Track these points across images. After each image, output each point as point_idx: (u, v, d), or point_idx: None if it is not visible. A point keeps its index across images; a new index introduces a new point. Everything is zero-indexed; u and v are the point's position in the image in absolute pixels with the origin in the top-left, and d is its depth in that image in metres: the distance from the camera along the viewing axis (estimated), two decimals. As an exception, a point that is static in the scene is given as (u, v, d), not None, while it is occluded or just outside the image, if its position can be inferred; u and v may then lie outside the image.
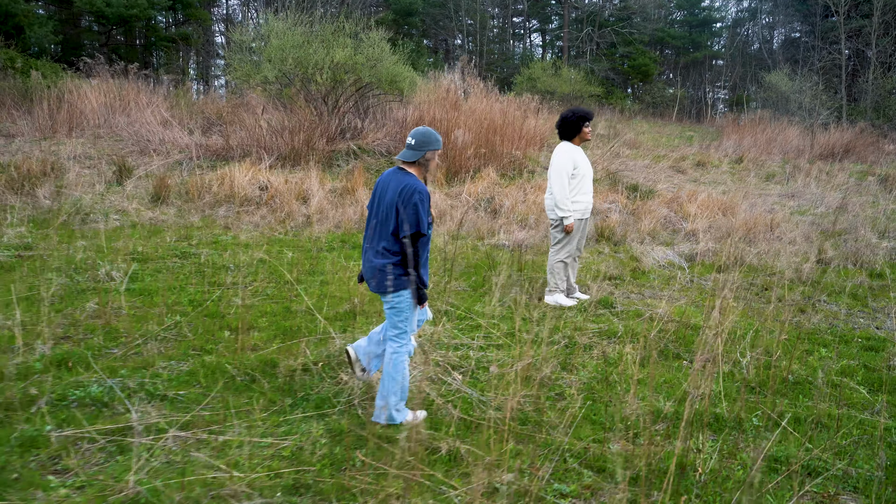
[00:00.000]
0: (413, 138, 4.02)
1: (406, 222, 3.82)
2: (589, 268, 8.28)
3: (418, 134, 4.02)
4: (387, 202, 3.93)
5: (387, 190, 3.97)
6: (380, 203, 4.01)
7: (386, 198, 3.94)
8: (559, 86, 31.11)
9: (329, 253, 8.32)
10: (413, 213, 3.82)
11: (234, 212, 10.02)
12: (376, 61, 15.36)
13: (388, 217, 3.91)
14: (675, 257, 8.82)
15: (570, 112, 6.78)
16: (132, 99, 16.82)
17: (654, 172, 17.40)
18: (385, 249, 3.93)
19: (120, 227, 8.98)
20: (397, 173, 4.02)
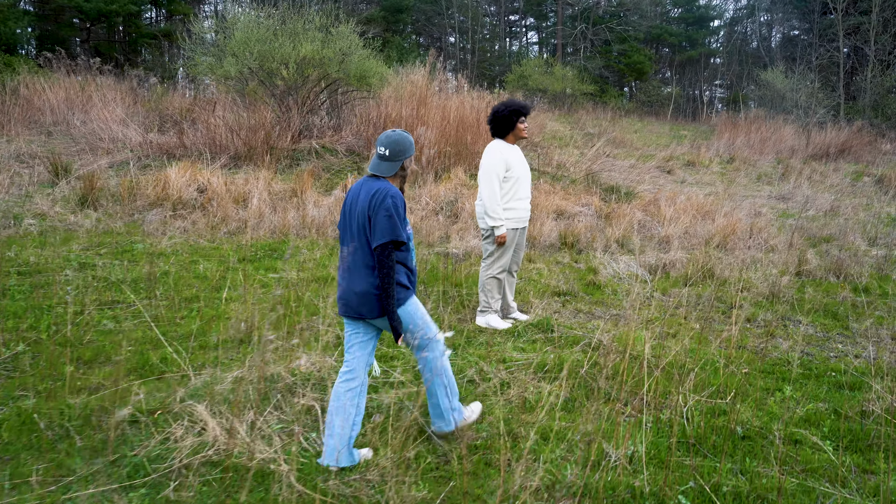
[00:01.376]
0: (385, 147, 3.49)
1: (378, 230, 3.34)
2: (537, 281, 7.32)
3: (391, 142, 3.50)
4: (359, 215, 3.45)
5: (357, 200, 3.49)
6: (351, 215, 3.51)
7: (357, 210, 3.47)
8: (551, 84, 30.11)
9: (250, 264, 7.38)
10: (385, 217, 3.34)
11: (166, 216, 9.09)
12: (344, 56, 14.42)
13: (361, 229, 3.44)
14: (637, 269, 7.84)
15: (503, 105, 5.81)
16: (93, 95, 15.93)
17: (638, 173, 16.41)
18: (366, 267, 3.44)
19: (29, 233, 8.06)
20: (368, 181, 3.52)
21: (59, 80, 16.18)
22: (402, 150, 3.50)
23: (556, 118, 25.64)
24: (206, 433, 3.58)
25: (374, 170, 3.50)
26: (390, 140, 3.49)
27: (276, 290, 6.32)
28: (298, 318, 5.44)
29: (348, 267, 3.49)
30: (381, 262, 3.34)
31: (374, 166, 3.52)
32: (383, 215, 3.33)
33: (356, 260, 3.46)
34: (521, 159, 5.84)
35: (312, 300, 6.08)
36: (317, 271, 7.12)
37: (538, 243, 9.12)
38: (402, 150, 3.50)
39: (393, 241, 3.34)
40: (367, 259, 3.43)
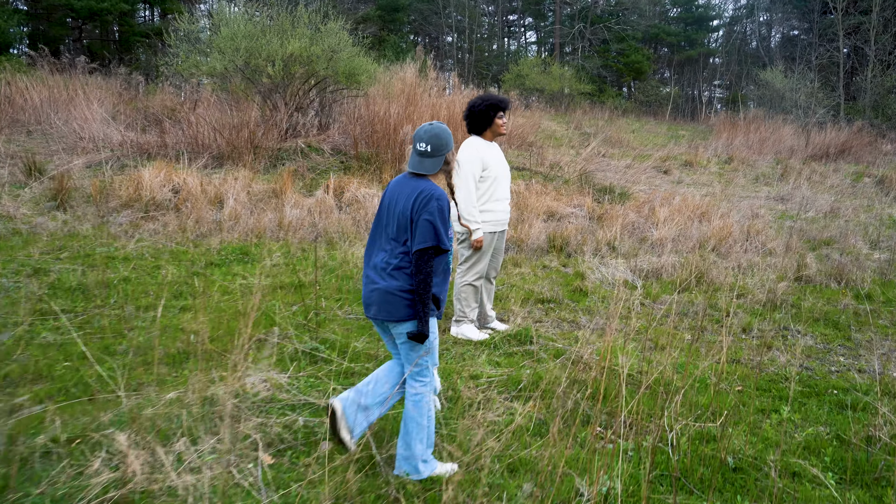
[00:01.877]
0: (426, 142, 3.24)
1: (419, 234, 3.14)
2: (521, 287, 6.87)
3: (431, 136, 3.26)
4: (398, 213, 3.24)
5: (397, 199, 3.27)
6: (389, 214, 3.31)
7: (397, 208, 3.25)
8: (548, 83, 29.65)
9: (217, 269, 6.93)
10: (428, 222, 3.13)
11: (136, 218, 8.65)
12: (333, 53, 13.98)
13: (400, 230, 3.24)
14: (628, 274, 7.39)
15: (479, 100, 5.36)
16: (77, 94, 15.49)
17: (634, 173, 15.96)
18: (397, 269, 3.23)
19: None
20: (410, 179, 3.31)
21: (43, 79, 15.75)
22: (444, 143, 3.25)
23: (552, 118, 25.20)
24: (124, 466, 3.14)
25: (416, 168, 3.26)
26: (430, 134, 3.24)
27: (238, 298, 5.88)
28: (255, 331, 4.99)
29: (377, 265, 3.29)
30: (418, 266, 3.14)
31: (415, 164, 3.27)
32: (426, 219, 3.12)
33: (389, 260, 3.25)
34: (499, 157, 5.40)
35: (274, 309, 5.63)
36: (285, 277, 6.68)
37: (525, 246, 8.67)
38: (443, 143, 3.25)
39: (434, 246, 3.14)
40: (402, 261, 3.22)
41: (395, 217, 3.23)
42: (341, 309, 5.88)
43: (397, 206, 3.24)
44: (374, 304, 3.28)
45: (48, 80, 15.95)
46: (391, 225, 3.27)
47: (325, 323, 5.46)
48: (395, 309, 3.21)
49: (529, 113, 22.16)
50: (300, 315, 5.56)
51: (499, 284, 6.91)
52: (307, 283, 6.44)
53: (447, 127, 3.41)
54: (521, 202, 11.00)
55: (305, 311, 5.70)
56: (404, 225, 3.19)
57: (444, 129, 3.31)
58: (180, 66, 14.50)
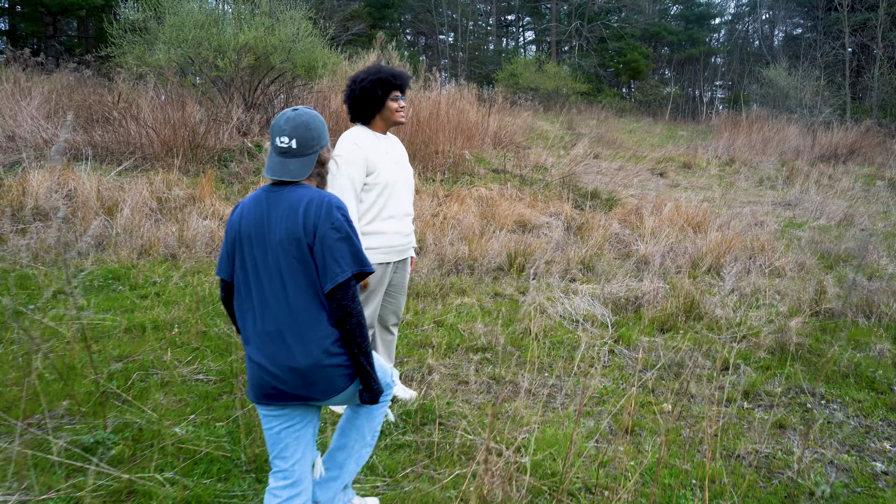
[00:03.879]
0: (290, 136, 2.23)
1: (330, 262, 2.15)
2: (452, 328, 5.13)
3: (297, 127, 2.25)
4: (280, 245, 2.17)
5: (269, 226, 2.19)
6: (262, 252, 2.21)
7: (274, 239, 2.18)
8: (543, 82, 27.92)
9: (62, 302, 5.23)
10: (340, 240, 2.17)
11: (9, 230, 6.97)
12: (291, 44, 12.32)
13: (291, 269, 2.18)
14: (598, 307, 5.64)
15: (365, 73, 3.63)
16: (21, 89, 13.85)
17: (626, 176, 14.21)
18: (309, 324, 2.17)
19: None
20: (275, 193, 2.24)
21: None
22: (315, 136, 2.30)
23: (545, 118, 23.47)
24: None
25: (278, 173, 2.26)
26: (295, 123, 2.26)
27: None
28: (37, 407, 3.28)
29: (272, 331, 2.21)
30: (344, 308, 2.19)
31: (276, 168, 2.26)
32: (334, 237, 2.17)
33: (288, 316, 2.20)
34: (394, 156, 3.68)
35: (91, 366, 3.93)
36: (148, 313, 4.98)
37: (478, 266, 6.95)
38: (314, 136, 2.29)
39: (360, 272, 2.23)
40: (308, 311, 2.20)
41: (273, 249, 2.20)
42: (192, 365, 4.16)
43: (272, 235, 2.20)
44: (287, 383, 2.20)
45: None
46: (267, 262, 2.21)
47: (147, 392, 3.74)
48: (331, 380, 2.22)
49: (523, 113, 20.46)
50: (117, 378, 3.85)
51: (422, 324, 5.20)
52: (165, 324, 4.73)
53: (320, 115, 2.35)
54: (488, 210, 9.28)
55: (139, 367, 4.01)
56: (297, 257, 2.18)
57: (315, 117, 2.31)
58: (123, 58, 12.84)
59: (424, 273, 6.56)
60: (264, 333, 2.21)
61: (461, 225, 8.34)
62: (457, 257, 7.08)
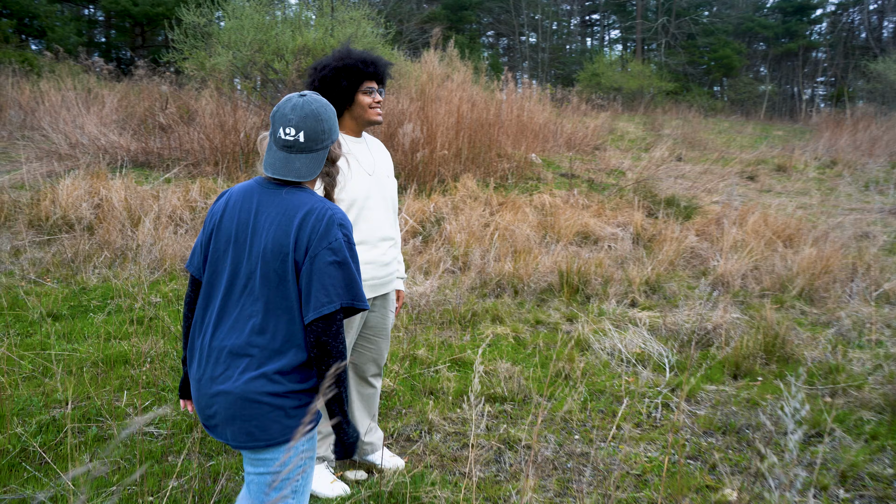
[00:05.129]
0: (298, 127, 1.79)
1: (318, 288, 1.74)
2: (472, 368, 4.25)
3: (305, 117, 1.81)
4: (266, 251, 1.78)
5: (257, 225, 1.81)
6: (243, 252, 1.82)
7: (261, 242, 1.79)
8: (626, 82, 26.50)
9: (51, 324, 4.68)
10: (334, 265, 1.75)
11: (28, 242, 6.58)
12: (352, 44, 11.72)
13: (267, 285, 1.78)
14: (654, 344, 4.62)
15: (328, 60, 2.82)
16: (93, 97, 13.91)
17: (710, 180, 12.87)
18: (269, 353, 1.76)
19: None
20: (272, 191, 1.84)
21: (56, 81, 14.26)
22: (327, 128, 1.84)
23: (627, 118, 22.12)
24: None
25: (282, 171, 1.80)
26: (303, 113, 1.80)
27: None
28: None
29: (225, 349, 1.77)
30: (323, 345, 1.73)
31: (279, 164, 1.80)
32: (328, 260, 1.73)
33: (248, 336, 1.75)
34: (366, 165, 2.85)
35: (21, 412, 3.29)
36: (124, 343, 4.34)
37: (524, 286, 6.03)
38: (325, 128, 1.84)
39: (350, 306, 1.78)
40: (274, 338, 1.76)
41: (260, 258, 1.79)
42: (148, 412, 3.46)
43: (256, 240, 1.80)
44: (220, 421, 1.78)
45: (66, 83, 14.44)
46: (248, 272, 1.81)
47: (78, 451, 3.05)
48: (259, 427, 1.74)
49: (604, 114, 19.27)
50: (49, 430, 3.19)
51: (437, 362, 4.34)
52: (139, 358, 4.08)
53: (329, 102, 1.94)
54: (547, 220, 8.33)
55: (83, 414, 3.35)
56: (279, 271, 1.76)
57: (326, 105, 1.87)
58: (184, 63, 12.61)
59: (457, 295, 5.70)
60: (210, 349, 1.81)
61: (513, 237, 7.44)
62: (500, 276, 6.19)
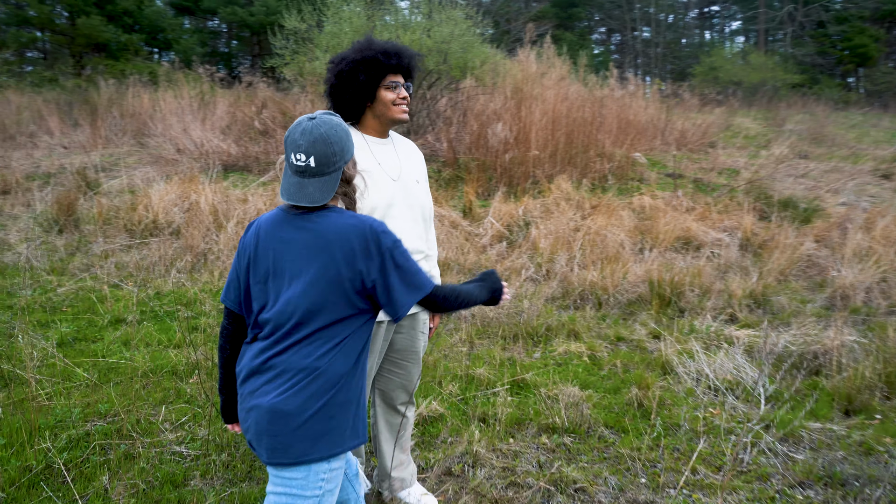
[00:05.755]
0: (308, 153, 1.78)
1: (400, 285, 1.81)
2: (534, 391, 3.80)
3: (315, 141, 1.78)
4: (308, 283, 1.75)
5: (294, 254, 1.78)
6: (279, 284, 1.80)
7: (299, 276, 1.76)
8: (746, 75, 24.83)
9: (113, 330, 4.68)
10: (404, 261, 1.82)
11: (119, 246, 6.74)
12: (447, 45, 11.53)
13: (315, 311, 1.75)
14: (748, 369, 4.01)
15: (346, 53, 2.51)
16: (206, 104, 14.45)
17: (837, 179, 11.67)
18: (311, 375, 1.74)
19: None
20: (303, 219, 1.79)
21: (173, 90, 14.93)
22: (338, 150, 1.81)
23: (747, 114, 20.66)
24: None
25: (296, 196, 1.78)
26: (313, 137, 1.78)
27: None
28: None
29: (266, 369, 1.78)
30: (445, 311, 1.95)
31: (293, 191, 1.79)
32: (399, 259, 1.80)
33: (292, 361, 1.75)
34: (391, 170, 2.52)
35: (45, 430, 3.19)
36: (175, 353, 4.24)
37: (609, 297, 5.51)
38: (336, 151, 1.81)
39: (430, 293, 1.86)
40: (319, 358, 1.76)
41: (301, 291, 1.75)
42: (181, 431, 3.29)
43: (298, 272, 1.76)
44: (254, 435, 1.77)
45: (181, 92, 15.10)
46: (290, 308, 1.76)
47: (100, 471, 2.90)
48: (308, 442, 1.74)
49: (719, 109, 18.10)
50: (78, 446, 3.07)
51: (496, 384, 3.94)
52: (186, 370, 3.95)
53: (341, 121, 1.85)
54: (644, 224, 7.71)
55: (115, 429, 3.22)
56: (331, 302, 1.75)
57: (336, 126, 1.81)
58: (285, 68, 12.80)
59: (533, 306, 5.27)
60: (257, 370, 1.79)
61: (604, 242, 6.90)
62: (584, 285, 5.70)
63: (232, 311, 1.93)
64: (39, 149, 12.07)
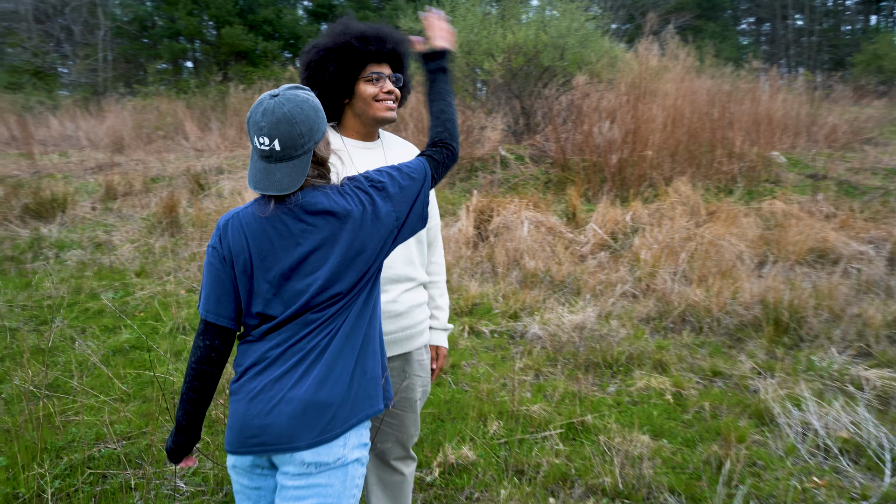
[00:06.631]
0: (271, 135, 1.54)
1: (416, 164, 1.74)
2: (592, 438, 3.18)
3: (279, 122, 1.54)
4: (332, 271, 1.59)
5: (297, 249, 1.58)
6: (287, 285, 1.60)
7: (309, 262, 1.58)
8: (918, 62, 22.00)
9: (172, 339, 4.54)
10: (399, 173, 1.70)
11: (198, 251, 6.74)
12: (564, 39, 10.95)
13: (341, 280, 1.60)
14: (872, 424, 3.16)
15: (319, 40, 2.06)
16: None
17: None
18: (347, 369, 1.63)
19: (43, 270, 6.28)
20: (289, 206, 1.58)
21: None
22: (304, 130, 1.57)
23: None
24: None
25: (264, 185, 1.56)
26: (276, 118, 1.54)
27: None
28: None
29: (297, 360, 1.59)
30: None
31: (259, 177, 1.57)
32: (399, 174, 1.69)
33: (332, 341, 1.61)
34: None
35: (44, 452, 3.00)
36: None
37: (713, 321, 4.72)
38: (302, 131, 1.57)
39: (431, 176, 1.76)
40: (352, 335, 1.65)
41: (317, 283, 1.58)
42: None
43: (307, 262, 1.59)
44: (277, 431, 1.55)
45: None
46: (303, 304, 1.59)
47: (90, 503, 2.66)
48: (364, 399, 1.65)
49: (871, 101, 16.06)
50: (76, 472, 2.85)
51: (548, 425, 3.36)
52: (220, 389, 3.69)
53: (310, 95, 1.61)
54: (770, 235, 6.72)
55: (127, 455, 2.98)
56: (349, 274, 1.60)
57: (302, 104, 1.57)
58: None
59: (620, 328, 4.60)
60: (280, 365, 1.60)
61: (719, 254, 6.05)
62: (685, 305, 4.94)
63: (225, 328, 1.64)
64: (173, 152, 12.67)
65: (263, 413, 1.56)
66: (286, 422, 1.55)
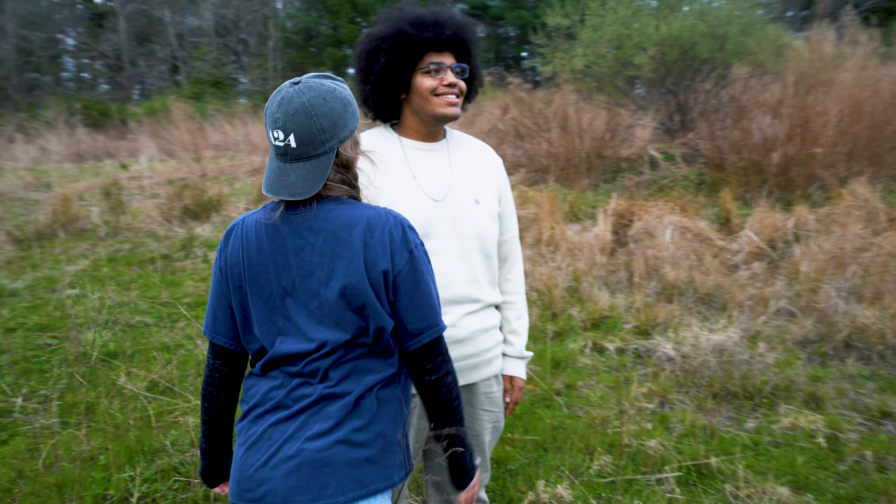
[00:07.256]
0: (286, 129, 1.33)
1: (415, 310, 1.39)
2: (709, 476, 2.69)
3: (297, 111, 1.32)
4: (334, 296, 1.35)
5: (297, 266, 1.36)
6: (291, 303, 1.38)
7: (308, 287, 1.37)
8: None
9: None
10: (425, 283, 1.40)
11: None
12: (724, 27, 10.17)
13: (335, 325, 1.37)
14: None
15: (372, 29, 1.82)
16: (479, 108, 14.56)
17: None
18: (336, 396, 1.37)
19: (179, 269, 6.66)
20: (302, 216, 1.36)
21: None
22: (326, 124, 1.34)
23: None
24: None
25: (276, 188, 1.36)
26: (293, 109, 1.32)
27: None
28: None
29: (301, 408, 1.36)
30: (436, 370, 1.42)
31: (272, 179, 1.37)
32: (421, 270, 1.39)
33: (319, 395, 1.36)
34: (431, 187, 1.79)
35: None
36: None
37: (887, 350, 3.96)
38: (323, 126, 1.34)
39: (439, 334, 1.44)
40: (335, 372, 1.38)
41: (308, 295, 1.36)
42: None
43: (306, 282, 1.36)
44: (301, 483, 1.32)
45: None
46: (297, 311, 1.37)
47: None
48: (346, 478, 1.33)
49: None
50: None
51: (666, 465, 2.91)
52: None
53: (340, 84, 1.38)
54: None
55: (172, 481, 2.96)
56: (353, 303, 1.35)
57: (327, 94, 1.34)
58: (545, 66, 12.24)
59: (769, 352, 3.99)
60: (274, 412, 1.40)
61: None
62: (852, 328, 4.22)
63: (225, 348, 1.48)
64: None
65: (259, 465, 1.35)
66: (282, 479, 1.32)
